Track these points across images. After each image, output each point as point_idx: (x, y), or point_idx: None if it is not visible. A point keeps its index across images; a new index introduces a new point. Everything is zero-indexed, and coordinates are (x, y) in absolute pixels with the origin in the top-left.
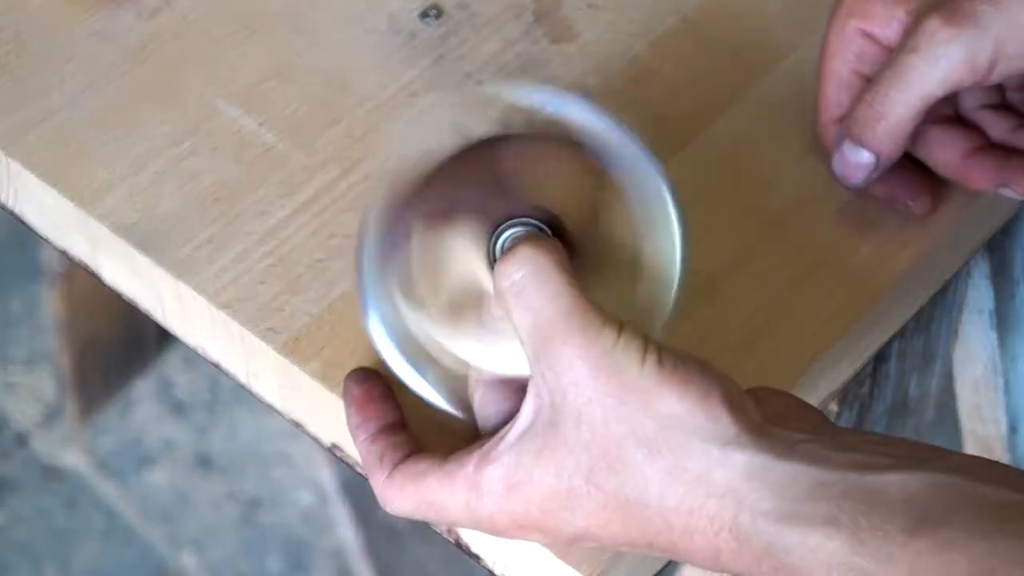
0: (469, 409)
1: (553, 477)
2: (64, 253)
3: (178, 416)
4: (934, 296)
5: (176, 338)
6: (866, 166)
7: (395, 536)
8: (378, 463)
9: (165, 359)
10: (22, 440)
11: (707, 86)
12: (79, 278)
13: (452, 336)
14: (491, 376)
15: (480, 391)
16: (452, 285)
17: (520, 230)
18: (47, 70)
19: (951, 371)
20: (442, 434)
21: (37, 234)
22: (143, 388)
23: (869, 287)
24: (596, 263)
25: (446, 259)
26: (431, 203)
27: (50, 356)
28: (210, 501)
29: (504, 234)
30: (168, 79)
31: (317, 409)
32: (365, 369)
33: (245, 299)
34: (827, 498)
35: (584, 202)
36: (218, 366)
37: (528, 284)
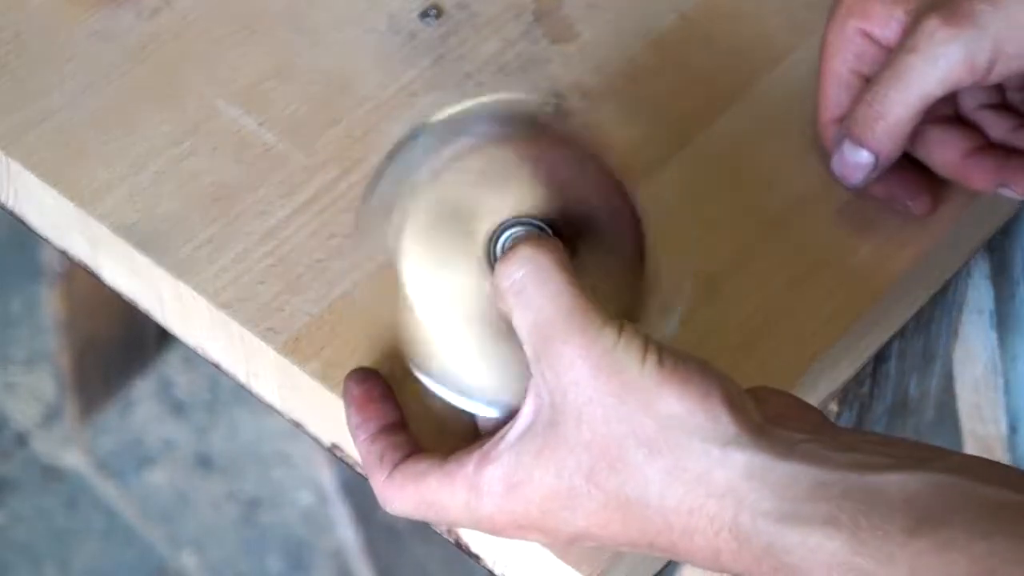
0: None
1: (553, 477)
2: (64, 253)
3: (178, 416)
4: (934, 296)
5: (176, 338)
6: (865, 166)
7: (395, 536)
8: (378, 463)
9: (165, 359)
10: (22, 440)
11: (707, 86)
12: (79, 278)
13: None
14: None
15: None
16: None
17: (520, 230)
18: (47, 70)
19: (951, 371)
20: (442, 434)
21: (37, 234)
22: (143, 388)
23: (869, 287)
24: (596, 262)
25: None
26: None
27: (50, 356)
28: (210, 501)
29: (504, 234)
30: (168, 79)
31: (317, 409)
32: (365, 369)
33: (245, 299)
34: (827, 498)
35: (585, 202)
36: (218, 366)
37: (528, 283)
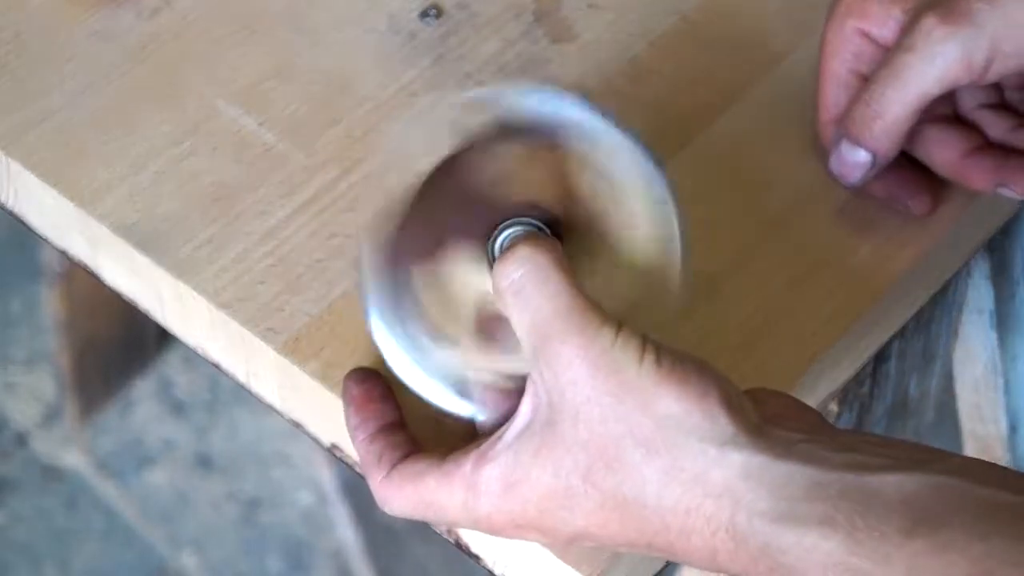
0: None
1: (551, 476)
2: (64, 253)
3: (178, 416)
4: (934, 296)
5: (176, 338)
6: (863, 165)
7: (395, 536)
8: (376, 463)
9: (165, 359)
10: (22, 440)
11: (707, 86)
12: (79, 278)
13: (491, 357)
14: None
15: (479, 391)
16: (470, 310)
17: (519, 230)
18: (47, 70)
19: (951, 371)
20: (441, 434)
21: (37, 234)
22: (143, 388)
23: (869, 287)
24: (595, 262)
25: (454, 288)
26: (420, 238)
27: (50, 356)
28: (210, 501)
29: (503, 234)
30: (168, 79)
31: (317, 409)
32: (364, 369)
33: (245, 299)
34: (824, 498)
35: (584, 201)
36: (218, 366)
37: (527, 283)
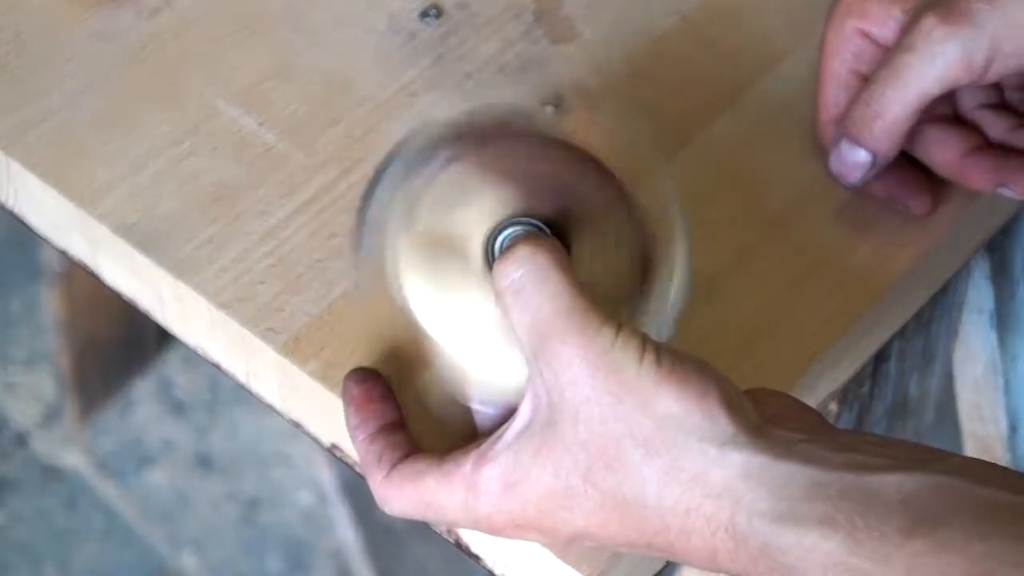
0: (463, 407)
1: (551, 476)
2: (64, 253)
3: (178, 416)
4: (934, 296)
5: (176, 338)
6: (863, 165)
7: (395, 536)
8: (376, 463)
9: (165, 359)
10: (22, 440)
11: (707, 86)
12: (79, 278)
13: (414, 271)
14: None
15: (479, 392)
16: (446, 233)
17: (519, 229)
18: (47, 70)
19: (951, 371)
20: (441, 434)
21: (37, 234)
22: (143, 388)
23: (869, 287)
24: (596, 262)
25: (457, 211)
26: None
27: (50, 356)
28: (210, 501)
29: (503, 233)
30: (168, 79)
31: (317, 409)
32: (364, 369)
33: (245, 299)
34: (823, 498)
35: (585, 202)
36: (218, 366)
37: (527, 283)
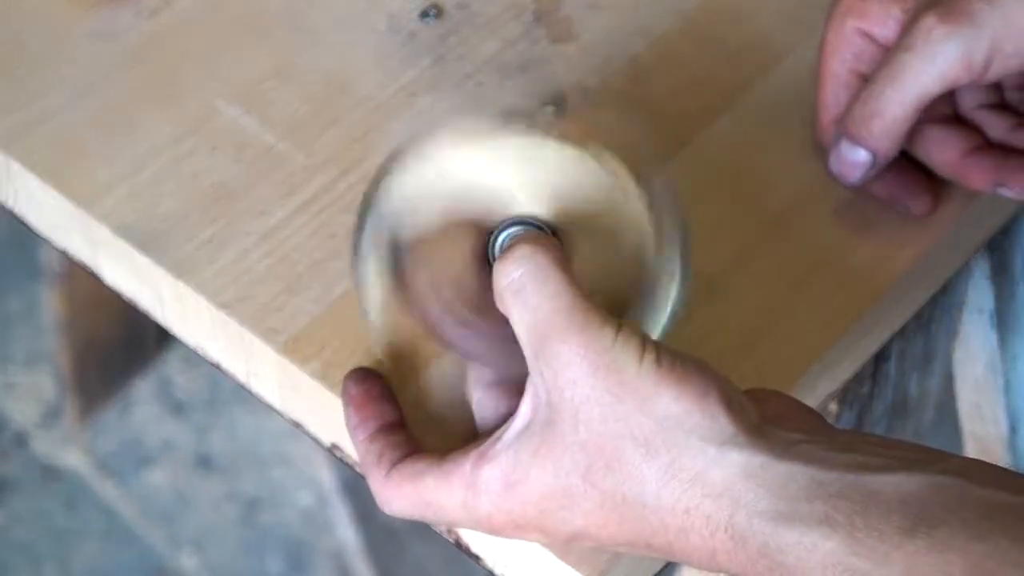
0: (462, 407)
1: (551, 476)
2: (64, 253)
3: (178, 416)
4: (934, 296)
5: (176, 338)
6: (863, 164)
7: (395, 536)
8: (376, 463)
9: (165, 359)
10: (22, 440)
11: (707, 86)
12: (79, 278)
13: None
14: (489, 377)
15: (478, 391)
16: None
17: (519, 229)
18: (47, 70)
19: (951, 371)
20: (441, 434)
21: (37, 234)
22: (143, 388)
23: (869, 287)
24: (596, 262)
25: (442, 265)
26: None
27: (50, 356)
28: (210, 501)
29: (503, 234)
30: (168, 79)
31: (317, 409)
32: (364, 369)
33: (245, 299)
34: (823, 498)
35: (585, 202)
36: (218, 366)
37: (527, 283)
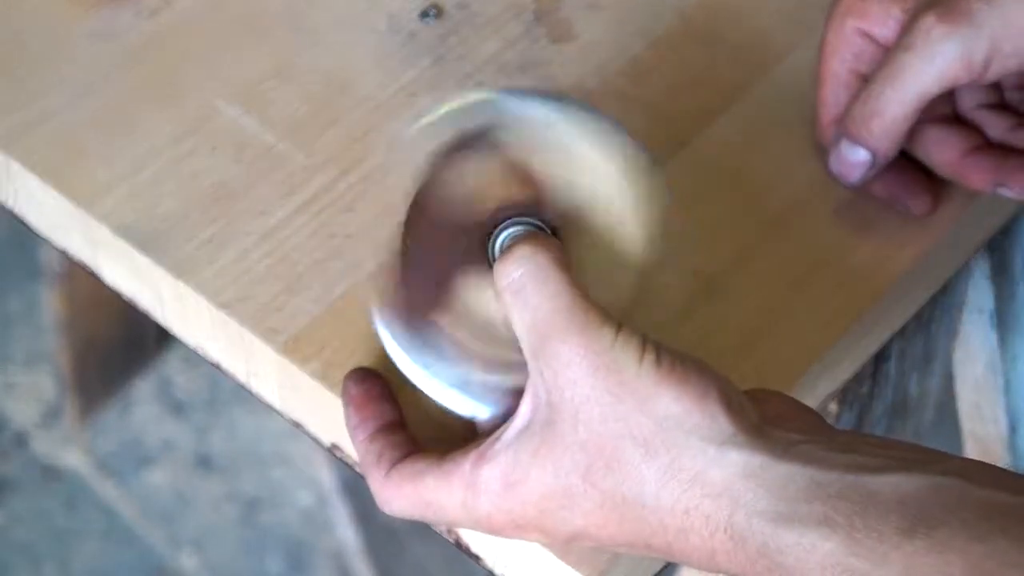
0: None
1: (550, 476)
2: (64, 253)
3: (178, 416)
4: (934, 296)
5: (176, 338)
6: (863, 164)
7: (395, 536)
8: (376, 463)
9: (165, 359)
10: (22, 440)
11: (707, 86)
12: (79, 278)
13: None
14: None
15: (480, 390)
16: (495, 325)
17: (519, 229)
18: (47, 70)
19: (951, 371)
20: (441, 434)
21: (37, 234)
22: (143, 388)
23: (869, 287)
24: (596, 261)
25: (476, 312)
26: (425, 282)
27: (50, 356)
28: (210, 501)
29: (503, 234)
30: (168, 79)
31: (317, 409)
32: (364, 369)
33: (245, 299)
34: (822, 498)
35: (584, 202)
36: (218, 366)
37: (527, 282)
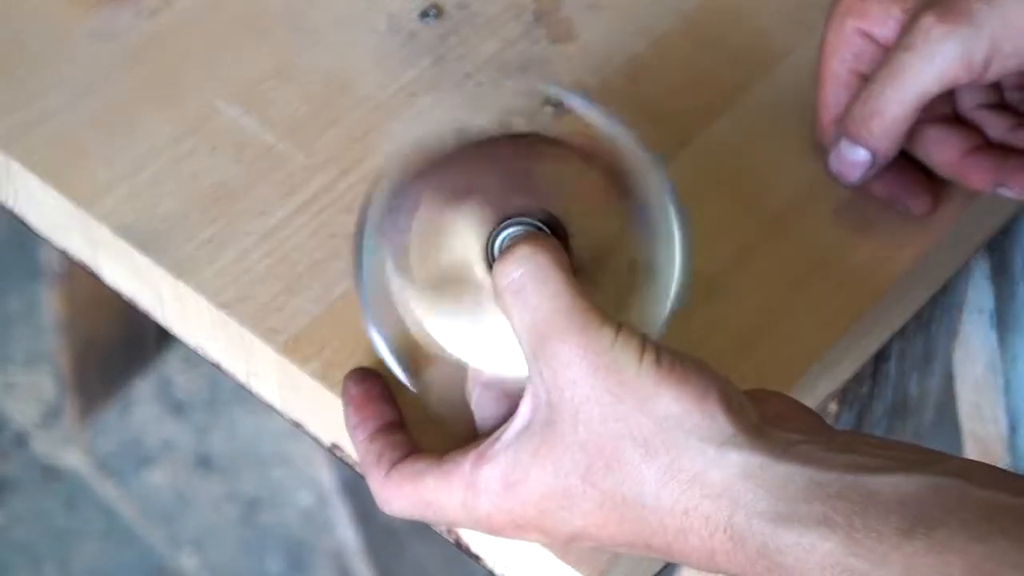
0: (462, 407)
1: (550, 476)
2: (64, 253)
3: (178, 416)
4: (934, 296)
5: (176, 338)
6: (863, 164)
7: (395, 536)
8: (376, 463)
9: (165, 359)
10: (22, 440)
11: (707, 86)
12: (79, 278)
13: (429, 312)
14: (488, 377)
15: (477, 391)
16: (444, 264)
17: (519, 229)
18: (47, 70)
19: (951, 371)
20: (441, 434)
21: (37, 234)
22: (143, 388)
23: (869, 287)
24: (595, 263)
25: (444, 238)
26: (439, 184)
27: (50, 356)
28: (210, 501)
29: (503, 233)
30: (168, 79)
31: (317, 409)
32: (364, 369)
33: (245, 299)
34: (822, 499)
35: (584, 202)
36: (218, 366)
37: (527, 282)
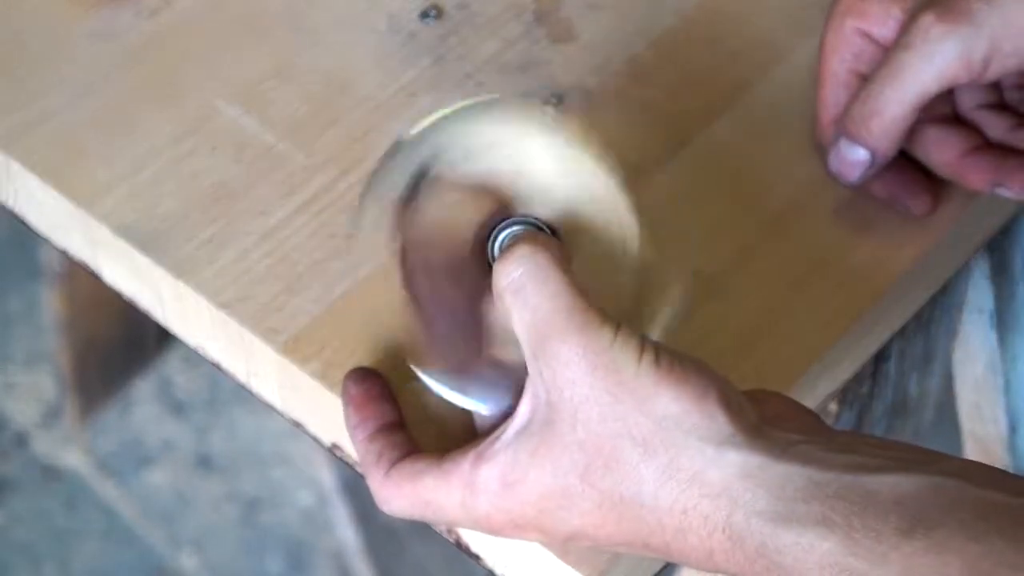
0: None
1: (549, 476)
2: (64, 253)
3: (178, 416)
4: (934, 296)
5: (176, 338)
6: (862, 163)
7: (395, 536)
8: (375, 462)
9: (165, 359)
10: (22, 440)
11: (707, 86)
12: (79, 278)
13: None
14: (490, 360)
15: (479, 389)
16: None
17: (519, 229)
18: (47, 70)
19: (951, 371)
20: (441, 434)
21: (37, 234)
22: (143, 388)
23: (869, 287)
24: (596, 261)
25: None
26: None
27: (50, 356)
28: (210, 501)
29: (503, 233)
30: (168, 79)
31: (317, 409)
32: (364, 369)
33: (245, 299)
34: (821, 498)
35: (584, 202)
36: (218, 366)
37: (527, 282)
